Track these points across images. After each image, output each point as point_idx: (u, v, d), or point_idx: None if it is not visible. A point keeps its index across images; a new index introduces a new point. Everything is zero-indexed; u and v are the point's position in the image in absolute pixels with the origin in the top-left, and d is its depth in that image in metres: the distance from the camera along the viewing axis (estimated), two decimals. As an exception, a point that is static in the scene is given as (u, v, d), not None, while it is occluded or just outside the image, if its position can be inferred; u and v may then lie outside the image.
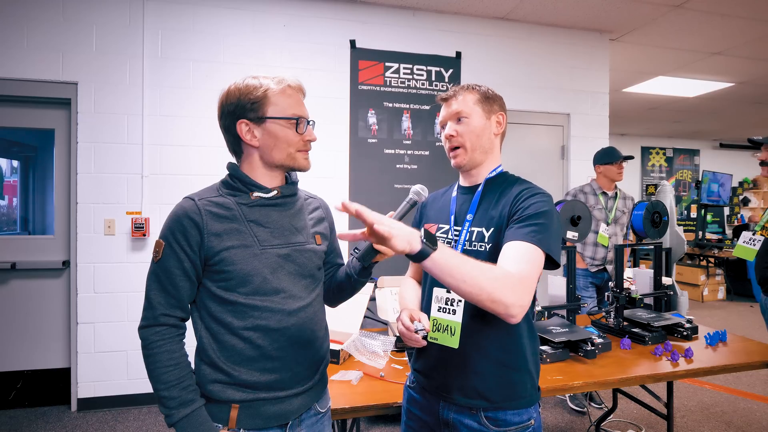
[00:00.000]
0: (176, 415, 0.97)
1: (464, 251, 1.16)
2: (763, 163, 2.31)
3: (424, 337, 1.12)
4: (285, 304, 1.05)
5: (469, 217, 1.20)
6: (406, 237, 0.90)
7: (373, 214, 0.88)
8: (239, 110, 1.04)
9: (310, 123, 1.10)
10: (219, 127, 1.11)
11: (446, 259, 0.93)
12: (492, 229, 1.14)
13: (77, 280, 2.97)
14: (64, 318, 3.07)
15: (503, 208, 1.14)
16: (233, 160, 1.14)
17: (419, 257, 0.92)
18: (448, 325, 1.15)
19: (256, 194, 1.07)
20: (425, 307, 1.25)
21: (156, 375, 0.99)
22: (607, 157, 3.00)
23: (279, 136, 1.05)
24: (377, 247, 1.09)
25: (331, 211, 1.27)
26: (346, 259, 1.32)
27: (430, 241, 0.92)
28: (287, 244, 1.08)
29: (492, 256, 1.11)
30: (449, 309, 1.16)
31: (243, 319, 1.02)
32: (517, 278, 0.96)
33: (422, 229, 0.93)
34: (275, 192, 1.09)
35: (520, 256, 1.00)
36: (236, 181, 1.08)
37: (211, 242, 1.01)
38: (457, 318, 1.14)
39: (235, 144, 1.09)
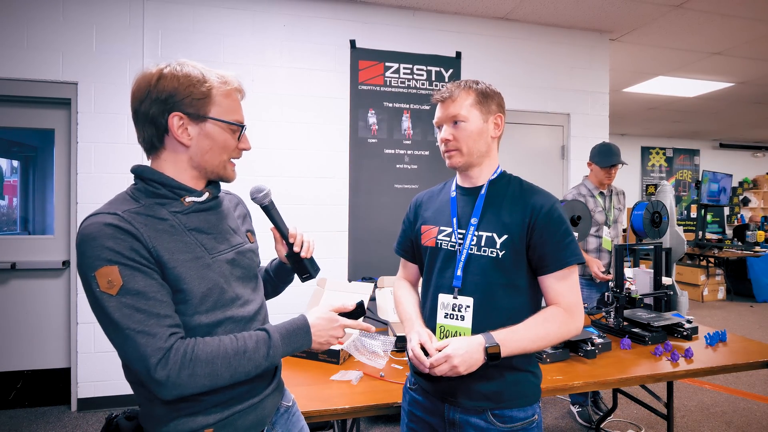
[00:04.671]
0: (279, 346, 0.94)
1: (470, 255, 1.14)
2: None
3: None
4: (244, 310, 0.98)
5: (473, 221, 1.16)
6: (472, 361, 1.04)
7: (434, 358, 1.06)
8: (173, 101, 0.91)
9: (245, 129, 1.01)
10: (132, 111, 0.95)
11: (516, 344, 1.06)
12: (506, 236, 1.12)
13: (77, 280, 2.96)
14: (64, 318, 3.07)
15: (521, 217, 1.12)
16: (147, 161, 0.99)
17: (495, 361, 1.05)
18: (457, 332, 1.14)
19: (189, 199, 0.94)
20: (428, 313, 1.22)
21: (237, 370, 0.88)
22: (598, 158, 2.77)
23: (217, 139, 0.94)
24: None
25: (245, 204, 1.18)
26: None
27: (491, 344, 1.05)
28: (230, 248, 0.98)
29: (503, 264, 1.11)
30: (457, 315, 1.14)
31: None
32: (572, 309, 1.13)
33: (484, 340, 1.05)
34: (207, 194, 0.97)
35: (568, 287, 1.13)
36: (159, 187, 0.92)
37: (160, 255, 0.85)
38: (467, 324, 1.12)
39: (157, 137, 0.94)
